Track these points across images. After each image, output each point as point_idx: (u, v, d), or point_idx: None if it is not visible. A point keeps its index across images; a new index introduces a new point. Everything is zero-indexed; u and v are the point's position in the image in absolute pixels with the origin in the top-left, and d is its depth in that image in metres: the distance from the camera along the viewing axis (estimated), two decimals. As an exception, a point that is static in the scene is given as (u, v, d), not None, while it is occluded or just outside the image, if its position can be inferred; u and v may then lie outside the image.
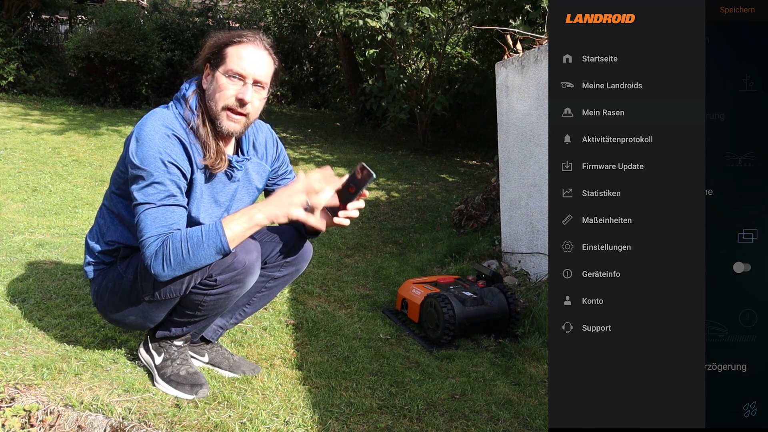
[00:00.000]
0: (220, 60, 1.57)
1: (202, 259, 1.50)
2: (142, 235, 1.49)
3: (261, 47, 1.60)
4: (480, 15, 5.98)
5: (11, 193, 4.09)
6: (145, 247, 1.49)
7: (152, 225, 1.48)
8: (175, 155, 1.52)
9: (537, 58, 2.97)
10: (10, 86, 8.48)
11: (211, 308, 1.64)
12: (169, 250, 1.47)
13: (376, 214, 4.61)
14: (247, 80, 1.57)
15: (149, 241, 1.48)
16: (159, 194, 1.50)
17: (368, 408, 1.75)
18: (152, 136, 1.52)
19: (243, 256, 1.55)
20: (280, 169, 1.85)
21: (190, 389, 1.68)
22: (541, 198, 3.00)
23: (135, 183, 1.51)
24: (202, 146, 1.59)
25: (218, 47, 1.58)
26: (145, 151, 1.50)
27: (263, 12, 11.19)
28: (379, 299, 2.83)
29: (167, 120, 1.56)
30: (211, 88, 1.59)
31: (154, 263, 1.48)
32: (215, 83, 1.58)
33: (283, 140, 7.43)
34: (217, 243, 1.49)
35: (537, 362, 2.26)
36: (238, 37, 1.58)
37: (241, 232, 1.52)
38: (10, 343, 1.87)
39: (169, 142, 1.52)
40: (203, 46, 1.63)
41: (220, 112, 1.58)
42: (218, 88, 1.57)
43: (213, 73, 1.59)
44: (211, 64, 1.60)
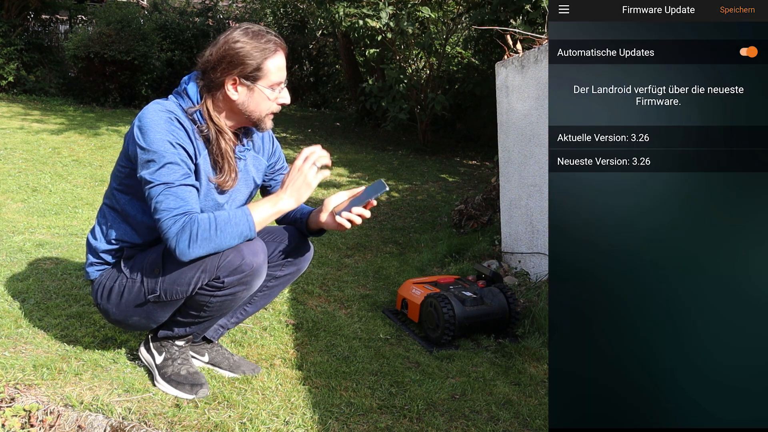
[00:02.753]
0: (260, 74, 1.58)
1: (228, 240, 1.51)
2: (164, 215, 1.48)
3: (281, 48, 1.62)
4: (480, 15, 5.98)
5: (11, 193, 4.09)
6: (168, 226, 1.48)
7: (174, 204, 1.48)
8: (181, 138, 1.54)
9: (537, 58, 2.97)
10: (10, 86, 8.48)
11: (216, 309, 1.65)
12: (196, 228, 1.48)
13: (376, 214, 4.61)
14: (284, 83, 1.63)
15: (172, 220, 1.48)
16: (175, 174, 1.50)
17: (368, 408, 1.75)
18: (156, 120, 1.53)
19: (251, 259, 1.56)
20: (276, 164, 1.87)
21: (190, 389, 1.68)
22: (541, 198, 3.00)
23: (146, 168, 1.51)
24: (214, 154, 1.61)
25: (255, 63, 1.57)
26: (153, 135, 1.51)
27: (263, 12, 11.19)
28: (379, 299, 2.83)
29: (168, 107, 1.58)
30: (251, 100, 1.60)
31: (180, 241, 1.48)
32: (258, 95, 1.59)
33: (283, 140, 7.43)
34: (244, 224, 1.53)
35: (537, 362, 2.26)
36: (266, 49, 1.57)
37: (266, 214, 1.58)
38: (10, 343, 1.87)
39: (174, 125, 1.54)
40: (217, 52, 1.57)
41: (264, 118, 1.64)
42: (263, 99, 1.60)
43: (250, 85, 1.58)
44: (245, 78, 1.58)
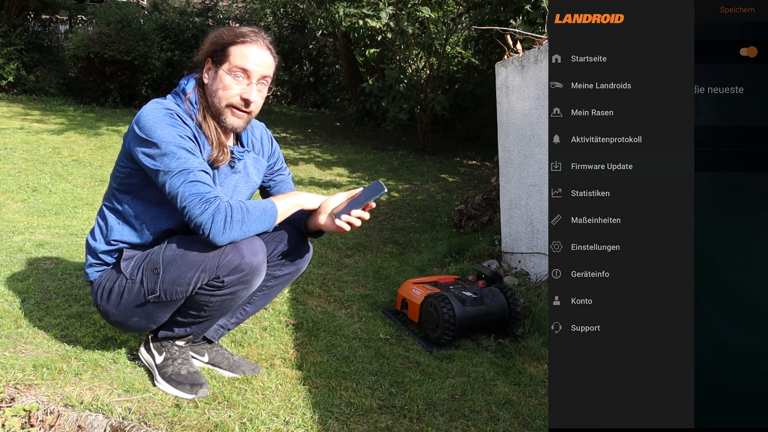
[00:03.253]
0: (223, 58, 1.59)
1: (256, 225, 1.54)
2: (193, 201, 1.48)
3: (264, 47, 1.62)
4: (480, 15, 5.98)
5: (11, 193, 4.09)
6: (201, 211, 1.47)
7: (201, 189, 1.49)
8: (185, 132, 1.56)
9: (537, 58, 2.97)
10: (10, 86, 8.48)
11: (216, 309, 1.65)
12: (230, 210, 1.49)
13: (376, 214, 4.61)
14: (252, 79, 1.60)
15: (204, 205, 1.48)
16: (191, 161, 1.51)
17: (368, 408, 1.75)
18: (157, 116, 1.54)
19: (250, 258, 1.56)
20: (276, 164, 1.87)
21: (190, 389, 1.68)
22: (541, 198, 3.00)
23: (160, 161, 1.50)
24: (205, 138, 1.62)
25: (222, 45, 1.60)
26: (158, 129, 1.51)
27: (263, 12, 11.20)
28: (379, 299, 2.83)
29: (167, 104, 1.59)
30: (214, 84, 1.61)
31: (215, 223, 1.48)
32: (219, 81, 1.60)
33: (283, 140, 7.43)
34: (270, 209, 1.56)
35: (537, 362, 2.26)
36: (242, 37, 1.60)
37: (287, 206, 1.63)
38: (10, 343, 1.87)
39: (176, 120, 1.55)
40: (205, 40, 1.65)
41: (224, 109, 1.61)
42: (223, 86, 1.60)
43: (216, 69, 1.61)
44: (213, 60, 1.61)
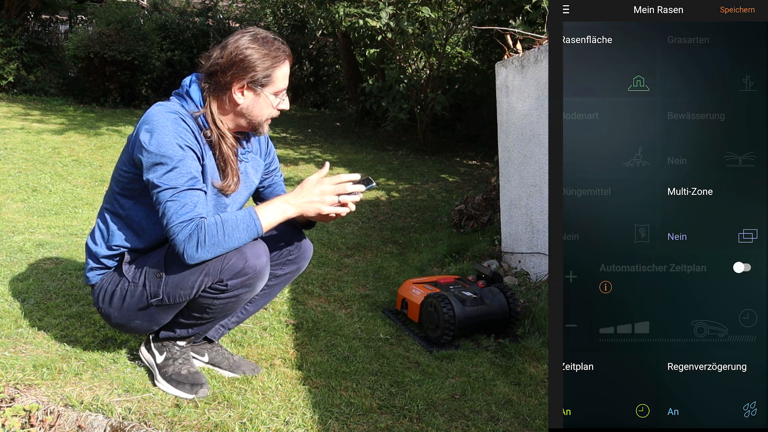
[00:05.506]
0: (267, 82, 1.62)
1: (236, 242, 1.54)
2: (172, 221, 1.50)
3: (289, 59, 1.66)
4: (480, 15, 5.98)
5: (11, 193, 4.09)
6: (177, 232, 1.50)
7: (181, 209, 1.50)
8: (189, 140, 1.56)
9: (537, 58, 2.97)
10: (10, 86, 8.49)
11: (219, 311, 1.65)
12: (204, 232, 1.50)
13: (376, 214, 4.61)
14: (285, 91, 1.68)
15: (180, 226, 1.50)
16: (182, 178, 1.52)
17: (368, 408, 1.75)
18: (164, 123, 1.53)
19: (254, 261, 1.56)
20: (271, 164, 1.88)
21: (190, 389, 1.68)
22: (541, 198, 3.00)
23: (154, 171, 1.52)
24: (217, 159, 1.63)
25: (266, 69, 1.60)
26: (161, 138, 1.52)
27: (263, 12, 11.18)
28: (379, 299, 2.83)
29: (173, 108, 1.59)
30: (255, 104, 1.63)
31: (188, 246, 1.50)
32: (263, 100, 1.63)
33: (283, 140, 7.43)
34: (252, 228, 1.55)
35: (537, 362, 2.26)
36: (275, 58, 1.61)
37: (273, 222, 1.60)
38: (10, 343, 1.87)
39: (181, 126, 1.55)
40: (229, 57, 1.58)
41: (264, 122, 1.68)
42: (267, 105, 1.64)
43: (257, 91, 1.62)
44: (253, 82, 1.61)
